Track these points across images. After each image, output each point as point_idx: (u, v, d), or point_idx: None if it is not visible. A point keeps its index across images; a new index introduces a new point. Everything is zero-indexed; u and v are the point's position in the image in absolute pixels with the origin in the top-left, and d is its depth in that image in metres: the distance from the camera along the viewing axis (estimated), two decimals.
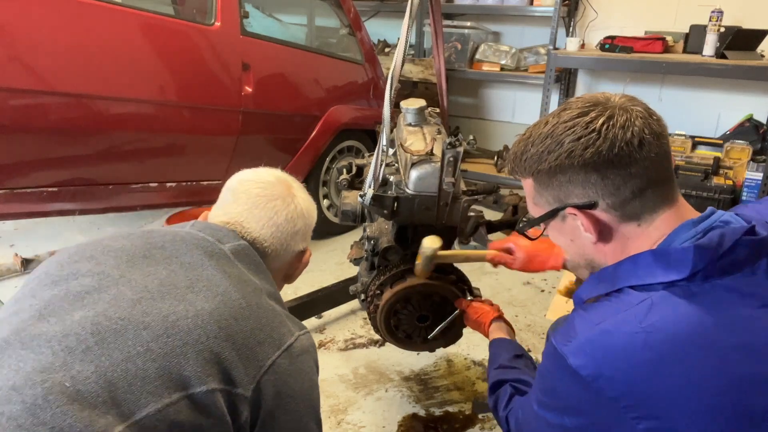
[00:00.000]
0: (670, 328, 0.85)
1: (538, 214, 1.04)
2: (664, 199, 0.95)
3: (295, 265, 1.28)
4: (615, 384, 0.85)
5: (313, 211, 1.28)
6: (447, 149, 1.41)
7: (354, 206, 1.79)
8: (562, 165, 0.94)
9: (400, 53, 1.43)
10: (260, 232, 1.17)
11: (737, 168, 3.78)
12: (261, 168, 1.33)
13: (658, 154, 0.92)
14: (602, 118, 0.92)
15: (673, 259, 0.89)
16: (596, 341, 0.88)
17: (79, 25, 2.21)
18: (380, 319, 1.73)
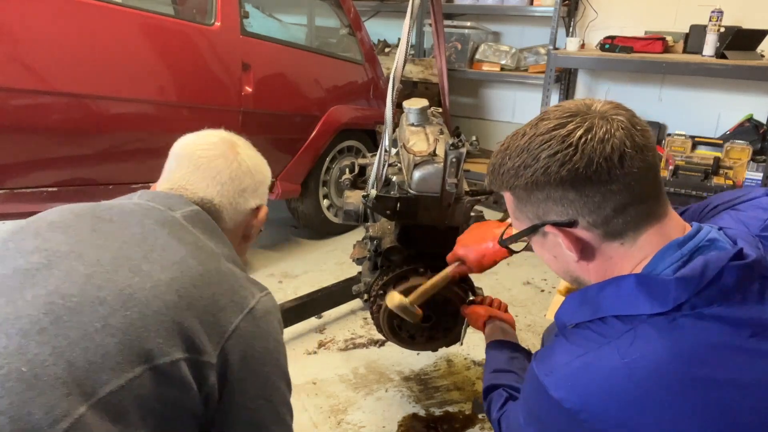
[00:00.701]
0: (652, 363, 0.82)
1: (519, 228, 1.01)
2: (648, 216, 0.90)
3: (251, 223, 1.24)
4: (599, 417, 0.83)
5: (261, 166, 1.25)
6: (450, 150, 1.41)
7: (356, 206, 1.79)
8: (539, 182, 0.89)
9: (402, 53, 1.43)
10: (206, 193, 1.14)
11: (737, 168, 3.78)
12: (204, 130, 1.29)
13: (641, 168, 0.86)
14: (580, 130, 0.86)
15: (655, 291, 0.85)
16: (578, 374, 0.86)
17: (79, 25, 2.21)
18: (383, 319, 1.73)
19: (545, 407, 0.90)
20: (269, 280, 3.10)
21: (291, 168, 3.20)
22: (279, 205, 3.68)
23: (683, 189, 3.72)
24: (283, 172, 3.17)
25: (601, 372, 0.84)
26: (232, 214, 1.17)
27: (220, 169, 1.16)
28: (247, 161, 1.20)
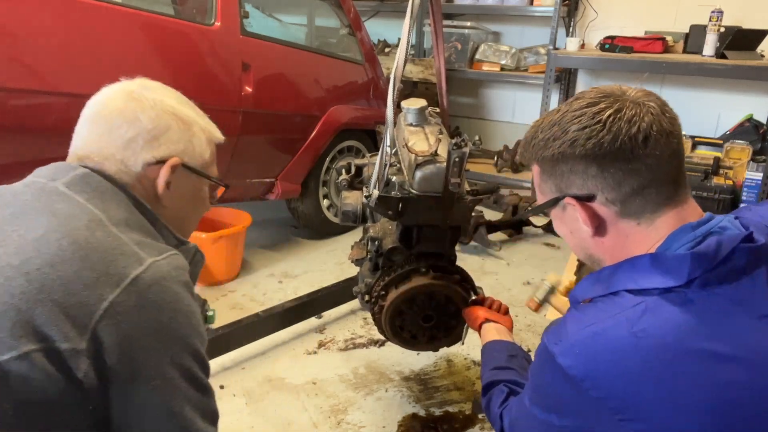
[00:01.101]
0: (660, 334, 0.84)
1: (542, 201, 1.04)
2: (667, 200, 0.93)
3: (156, 179, 1.05)
4: (602, 385, 0.84)
5: (164, 111, 1.05)
6: (453, 150, 1.41)
7: (355, 206, 1.79)
8: (565, 153, 0.93)
9: (402, 54, 1.42)
10: (88, 150, 1.02)
11: (737, 168, 3.78)
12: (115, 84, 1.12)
13: (664, 152, 0.90)
14: (610, 110, 0.90)
15: (669, 266, 0.87)
16: (586, 343, 0.87)
17: (79, 25, 2.21)
18: (385, 319, 1.72)
19: (550, 376, 0.91)
20: (269, 280, 3.10)
21: (291, 168, 3.20)
22: (279, 205, 3.68)
23: None
24: (283, 172, 3.17)
25: (608, 341, 0.85)
26: (124, 171, 1.02)
27: (103, 121, 1.03)
28: (134, 106, 1.03)
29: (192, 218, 1.19)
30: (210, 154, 1.13)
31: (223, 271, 3.01)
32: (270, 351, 2.44)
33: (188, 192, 1.12)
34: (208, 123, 1.16)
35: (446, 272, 1.71)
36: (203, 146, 1.11)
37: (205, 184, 1.15)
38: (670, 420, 0.81)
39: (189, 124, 1.08)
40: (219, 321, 2.54)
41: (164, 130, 1.05)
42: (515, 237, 3.78)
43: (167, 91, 1.11)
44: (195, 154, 1.09)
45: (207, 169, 1.13)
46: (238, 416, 2.04)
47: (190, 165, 1.09)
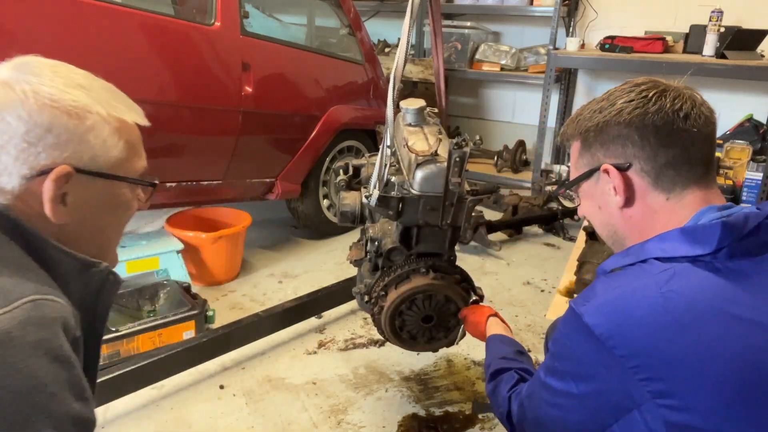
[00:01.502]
0: (689, 294, 0.87)
1: (578, 181, 1.10)
2: (697, 179, 0.98)
3: (36, 191, 0.82)
4: (627, 344, 0.87)
5: (19, 107, 0.80)
6: (454, 149, 1.41)
7: (353, 207, 1.79)
8: (609, 122, 1.00)
9: (402, 54, 1.42)
10: None
11: (737, 168, 3.78)
12: None
13: (699, 132, 0.96)
14: (657, 90, 0.98)
15: (699, 235, 0.91)
16: (614, 302, 0.90)
17: (78, 25, 2.21)
18: (385, 320, 1.72)
19: (575, 339, 0.94)
20: (269, 280, 3.10)
21: (291, 168, 3.20)
22: (279, 205, 3.68)
23: None
24: (283, 172, 3.17)
25: (636, 300, 0.89)
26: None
27: None
28: (2, 103, 0.80)
29: (111, 229, 0.95)
30: (123, 147, 0.88)
31: (223, 271, 3.01)
32: (270, 351, 2.44)
33: (97, 201, 0.88)
34: (121, 105, 0.92)
35: (446, 272, 1.71)
36: (107, 141, 0.86)
37: (123, 186, 0.91)
38: (689, 379, 0.84)
39: (80, 117, 0.83)
40: (219, 321, 2.55)
41: (43, 131, 0.80)
42: (515, 237, 3.78)
43: (56, 70, 0.88)
44: (95, 153, 0.85)
45: (120, 166, 0.89)
46: (238, 416, 2.04)
47: (89, 169, 0.85)
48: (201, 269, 2.94)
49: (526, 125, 4.83)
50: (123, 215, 0.95)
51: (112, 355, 2.17)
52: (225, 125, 2.77)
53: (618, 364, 0.87)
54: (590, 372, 0.92)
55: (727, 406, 0.83)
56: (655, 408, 0.86)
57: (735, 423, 0.83)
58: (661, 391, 0.85)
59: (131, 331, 2.22)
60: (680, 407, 0.84)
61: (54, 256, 0.83)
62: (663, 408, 0.85)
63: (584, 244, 3.02)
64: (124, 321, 2.30)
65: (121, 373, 1.89)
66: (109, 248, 0.97)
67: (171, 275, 2.71)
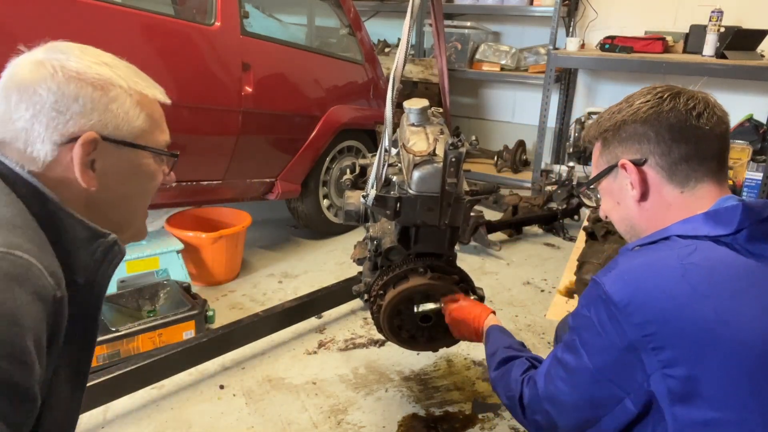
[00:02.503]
0: (708, 267, 0.92)
1: (598, 178, 1.16)
2: (710, 174, 1.03)
3: (65, 162, 0.89)
4: (643, 310, 0.90)
5: (49, 80, 0.87)
6: (449, 150, 1.41)
7: (357, 206, 1.79)
8: (626, 121, 1.07)
9: (402, 53, 1.42)
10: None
11: (737, 168, 3.78)
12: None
13: (711, 130, 1.02)
14: (671, 92, 1.06)
15: (720, 216, 0.97)
16: (635, 271, 0.95)
17: (78, 25, 2.21)
18: (383, 319, 1.73)
19: (594, 307, 0.97)
20: (269, 280, 3.10)
21: (291, 168, 3.20)
22: (279, 205, 3.68)
23: None
24: (283, 172, 3.17)
25: (656, 269, 0.94)
26: (30, 159, 0.88)
27: (3, 101, 0.89)
28: (33, 78, 0.88)
29: (137, 199, 1.02)
30: (145, 119, 0.96)
31: (223, 271, 3.01)
32: (270, 351, 2.44)
33: (124, 169, 0.95)
34: (143, 82, 0.99)
35: (445, 272, 1.71)
36: (130, 112, 0.93)
37: (147, 156, 0.98)
38: (705, 350, 0.87)
39: (104, 88, 0.91)
40: (219, 321, 2.55)
41: (70, 101, 0.88)
42: (515, 237, 3.78)
43: (83, 50, 0.94)
44: (119, 122, 0.92)
45: (143, 137, 0.96)
46: (238, 416, 2.05)
47: (115, 137, 0.92)
48: (201, 269, 2.94)
49: (526, 125, 4.84)
50: (148, 185, 1.02)
51: (112, 355, 2.18)
52: (225, 125, 2.77)
53: (634, 332, 0.90)
54: (606, 342, 0.95)
55: (738, 378, 0.86)
56: (662, 378, 0.89)
57: (743, 395, 0.86)
58: (670, 359, 0.88)
59: (131, 331, 2.22)
60: (686, 377, 0.87)
61: (66, 222, 0.88)
62: (669, 378, 0.88)
63: (584, 244, 3.02)
64: (124, 321, 2.30)
65: (121, 373, 1.90)
66: (136, 218, 1.04)
67: (171, 275, 2.72)
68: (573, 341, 1.03)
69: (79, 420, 1.97)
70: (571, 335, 1.05)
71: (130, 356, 2.19)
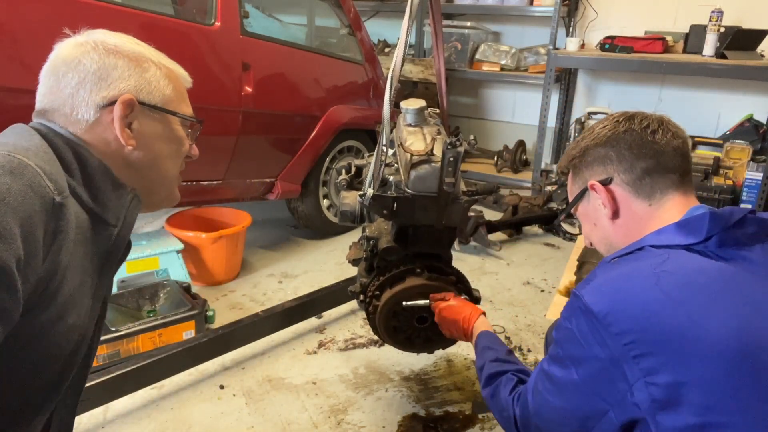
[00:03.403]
0: (681, 274, 0.94)
1: (573, 204, 1.23)
2: (674, 185, 1.09)
3: (106, 123, 1.00)
4: (622, 320, 0.92)
5: (91, 52, 1.00)
6: (447, 149, 1.41)
7: (353, 207, 1.79)
8: (589, 146, 1.15)
9: (400, 53, 1.43)
10: (44, 105, 1.02)
11: (737, 168, 3.78)
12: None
13: (668, 144, 1.09)
14: (626, 116, 1.14)
15: (690, 226, 1.02)
16: (612, 282, 0.98)
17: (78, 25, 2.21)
18: (379, 320, 1.72)
19: (575, 319, 0.99)
20: (269, 280, 3.10)
21: (291, 168, 3.20)
22: (279, 205, 3.68)
23: None
24: (283, 172, 3.18)
25: (632, 279, 0.97)
26: (75, 121, 0.99)
27: (52, 73, 1.01)
28: (77, 52, 1.00)
29: (169, 161, 1.13)
30: (173, 90, 1.08)
31: (223, 271, 3.01)
32: (270, 351, 2.44)
33: (157, 132, 1.07)
34: (170, 62, 1.12)
35: (441, 273, 1.71)
36: (160, 81, 1.06)
37: (176, 122, 1.10)
38: (684, 355, 0.88)
39: (138, 60, 1.04)
40: (219, 321, 2.55)
41: (110, 69, 1.00)
42: (515, 237, 3.78)
43: (118, 34, 1.07)
44: (152, 89, 1.05)
45: (172, 105, 1.09)
46: (238, 416, 2.05)
47: (149, 101, 1.04)
48: (201, 269, 2.94)
49: (526, 125, 4.84)
50: (178, 150, 1.13)
51: (112, 355, 2.18)
52: (225, 125, 2.77)
53: (614, 342, 0.92)
54: (589, 354, 0.96)
55: (717, 381, 0.86)
56: (645, 387, 0.89)
57: (724, 398, 0.86)
58: (650, 367, 0.89)
59: (131, 331, 2.22)
60: (668, 383, 0.88)
61: (96, 169, 0.99)
62: (652, 386, 0.89)
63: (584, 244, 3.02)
64: (124, 321, 2.30)
65: (121, 373, 1.90)
66: (169, 180, 1.15)
67: (171, 275, 2.72)
68: (558, 353, 1.05)
69: (79, 420, 1.98)
70: (555, 347, 1.06)
71: (130, 356, 2.19)
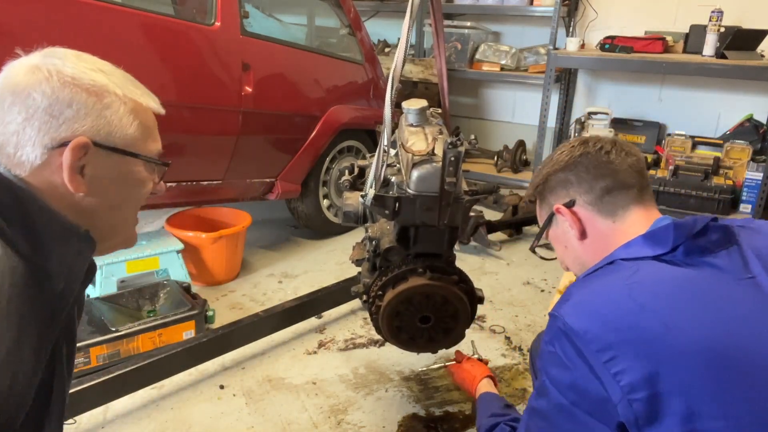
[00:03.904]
0: (652, 283, 0.98)
1: (543, 230, 1.27)
2: (634, 200, 1.13)
3: (54, 166, 0.87)
4: (600, 336, 0.93)
5: (44, 83, 0.87)
6: (448, 149, 1.41)
7: (356, 207, 1.79)
8: (551, 172, 1.21)
9: (401, 53, 1.42)
10: None
11: (737, 168, 3.78)
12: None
13: (623, 162, 1.14)
14: (580, 141, 1.20)
15: (656, 237, 1.05)
16: (586, 299, 1.01)
17: (78, 25, 2.21)
18: (382, 320, 1.72)
19: (557, 342, 1.00)
20: (269, 280, 3.10)
21: (291, 168, 3.20)
22: (279, 205, 3.68)
23: (683, 189, 3.71)
24: (283, 172, 3.18)
25: (604, 293, 1.00)
26: (18, 163, 0.87)
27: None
28: (28, 81, 0.87)
29: (127, 206, 1.00)
30: (138, 126, 0.94)
31: (223, 271, 3.01)
32: (270, 351, 2.44)
33: (114, 176, 0.94)
34: (138, 91, 0.97)
35: (444, 273, 1.71)
36: (123, 119, 0.92)
37: (138, 164, 0.97)
38: (661, 360, 0.89)
39: (98, 94, 0.90)
40: (219, 321, 2.55)
41: (64, 105, 0.87)
42: (515, 237, 3.78)
43: (80, 56, 0.94)
44: (112, 129, 0.91)
45: (136, 145, 0.95)
46: (238, 416, 2.05)
47: (107, 143, 0.91)
48: (201, 269, 2.94)
49: (526, 125, 4.83)
50: (138, 193, 1.00)
51: (112, 355, 2.18)
52: (225, 125, 2.77)
53: (595, 361, 0.92)
54: (576, 375, 0.96)
55: (697, 386, 0.87)
56: (629, 404, 0.89)
57: (706, 402, 0.87)
58: (632, 382, 0.89)
59: (131, 331, 2.22)
60: (648, 397, 0.88)
61: (39, 216, 0.86)
62: (635, 402, 0.89)
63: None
64: (124, 321, 2.30)
65: (121, 373, 1.90)
66: (125, 225, 1.03)
67: (171, 275, 2.72)
68: (542, 384, 1.05)
69: (79, 420, 1.98)
70: (540, 378, 1.07)
71: (130, 356, 2.19)
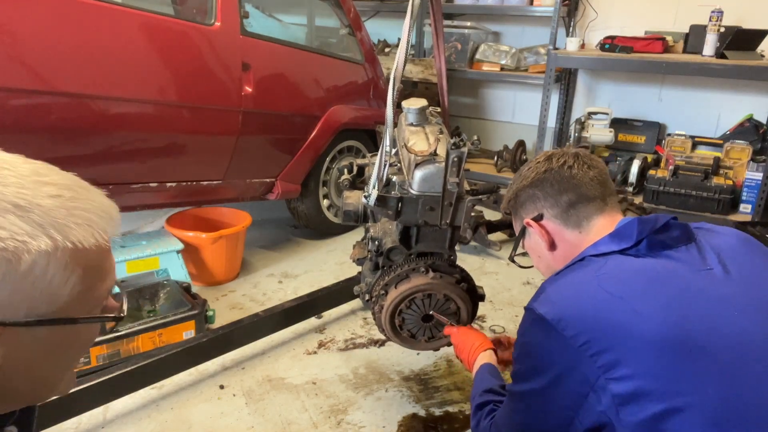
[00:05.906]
0: (620, 273, 1.05)
1: (517, 241, 1.35)
2: (597, 211, 1.20)
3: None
4: (574, 323, 0.99)
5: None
6: (451, 149, 1.42)
7: (356, 206, 1.79)
8: (519, 188, 1.29)
9: (402, 53, 1.42)
10: None
11: (737, 168, 3.78)
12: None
13: (585, 176, 1.21)
14: (546, 157, 1.27)
15: (622, 233, 1.12)
16: (558, 291, 1.08)
17: (79, 24, 2.21)
18: (385, 319, 1.73)
19: (531, 332, 1.08)
20: (269, 280, 3.10)
21: (291, 168, 3.20)
22: (279, 205, 3.68)
23: (683, 189, 3.71)
24: (283, 172, 3.17)
25: (575, 285, 1.07)
26: None
27: None
28: None
29: (58, 370, 0.75)
30: (76, 281, 0.68)
31: (223, 271, 3.01)
32: (270, 351, 2.44)
33: (41, 348, 0.69)
34: (75, 224, 0.67)
35: (446, 272, 1.71)
36: (53, 280, 0.66)
37: (77, 326, 0.72)
38: (631, 346, 0.95)
39: (10, 261, 0.62)
40: (219, 321, 2.55)
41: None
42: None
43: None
44: (35, 301, 0.65)
45: (74, 304, 0.69)
46: (238, 416, 2.04)
47: (27, 320, 0.65)
48: (201, 269, 2.94)
49: (526, 125, 4.83)
50: (77, 353, 0.77)
51: (112, 355, 2.18)
52: (225, 125, 2.77)
53: (570, 345, 0.99)
54: (549, 360, 1.03)
55: (667, 365, 0.93)
56: (605, 384, 0.95)
57: (677, 381, 0.93)
58: (609, 362, 0.95)
59: (131, 331, 2.22)
60: (626, 376, 0.94)
61: None
62: (611, 381, 0.94)
63: None
64: (124, 321, 2.30)
65: (121, 373, 1.89)
66: (57, 384, 0.77)
67: (171, 275, 2.71)
68: (518, 371, 1.13)
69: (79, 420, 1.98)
70: (516, 365, 1.14)
71: (130, 356, 2.19)
